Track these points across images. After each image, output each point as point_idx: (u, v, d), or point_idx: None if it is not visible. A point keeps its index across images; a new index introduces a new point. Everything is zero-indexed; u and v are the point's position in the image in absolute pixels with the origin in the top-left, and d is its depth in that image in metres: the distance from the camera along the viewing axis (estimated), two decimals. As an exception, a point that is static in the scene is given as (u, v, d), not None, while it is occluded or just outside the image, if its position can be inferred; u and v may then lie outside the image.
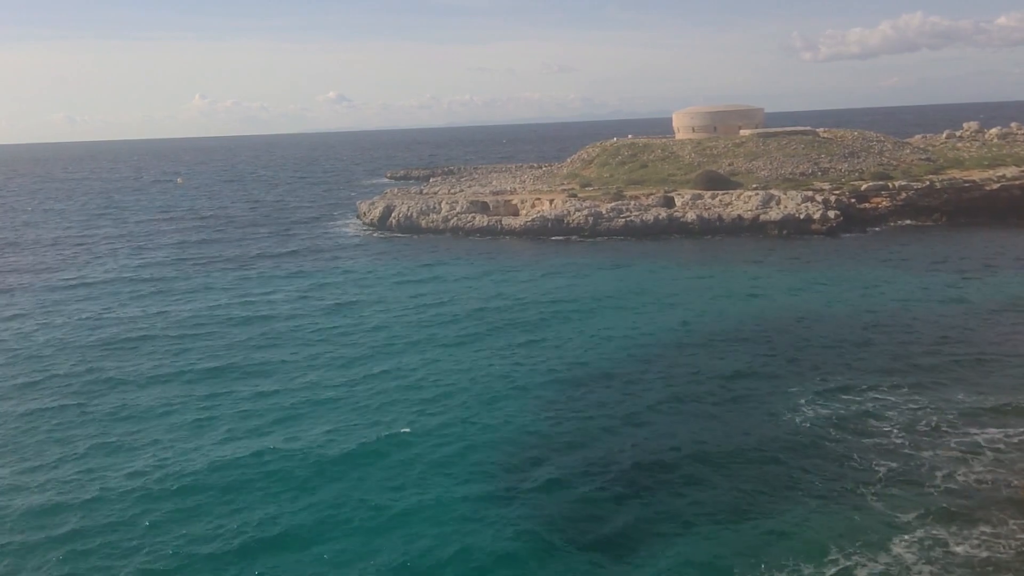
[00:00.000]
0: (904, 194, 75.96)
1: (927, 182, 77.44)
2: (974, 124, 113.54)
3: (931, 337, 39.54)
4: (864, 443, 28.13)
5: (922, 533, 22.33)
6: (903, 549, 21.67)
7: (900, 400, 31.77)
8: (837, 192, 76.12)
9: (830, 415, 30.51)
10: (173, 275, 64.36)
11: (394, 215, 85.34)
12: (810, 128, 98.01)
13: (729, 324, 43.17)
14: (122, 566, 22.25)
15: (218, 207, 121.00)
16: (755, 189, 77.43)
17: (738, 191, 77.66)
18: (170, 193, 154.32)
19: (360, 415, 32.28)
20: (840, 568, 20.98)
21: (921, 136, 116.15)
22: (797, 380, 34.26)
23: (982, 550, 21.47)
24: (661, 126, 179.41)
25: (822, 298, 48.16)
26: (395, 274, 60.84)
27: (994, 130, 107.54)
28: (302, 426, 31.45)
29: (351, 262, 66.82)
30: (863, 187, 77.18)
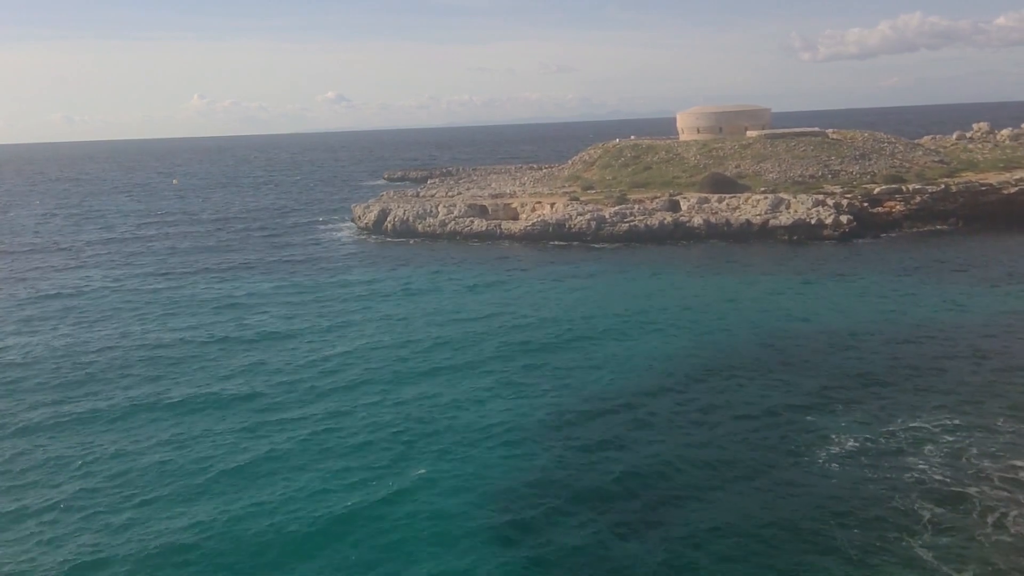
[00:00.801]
0: (919, 198, 73.20)
1: (942, 185, 74.71)
2: (984, 125, 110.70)
3: (965, 356, 36.90)
4: (904, 480, 25.43)
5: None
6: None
7: (937, 429, 29.15)
8: (849, 195, 73.37)
9: (862, 448, 27.81)
10: (162, 286, 61.26)
11: (389, 219, 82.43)
12: (819, 129, 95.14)
13: (745, 346, 40.22)
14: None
15: (211, 210, 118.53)
16: (763, 192, 74.65)
17: (746, 194, 74.90)
18: (163, 195, 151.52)
19: (347, 457, 29.53)
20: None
21: (931, 137, 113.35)
22: (823, 411, 31.41)
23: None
24: (661, 126, 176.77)
25: (843, 313, 45.25)
26: (387, 290, 56.31)
27: (1006, 131, 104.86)
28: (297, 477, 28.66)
29: (343, 276, 62.21)
30: (876, 190, 74.36)
